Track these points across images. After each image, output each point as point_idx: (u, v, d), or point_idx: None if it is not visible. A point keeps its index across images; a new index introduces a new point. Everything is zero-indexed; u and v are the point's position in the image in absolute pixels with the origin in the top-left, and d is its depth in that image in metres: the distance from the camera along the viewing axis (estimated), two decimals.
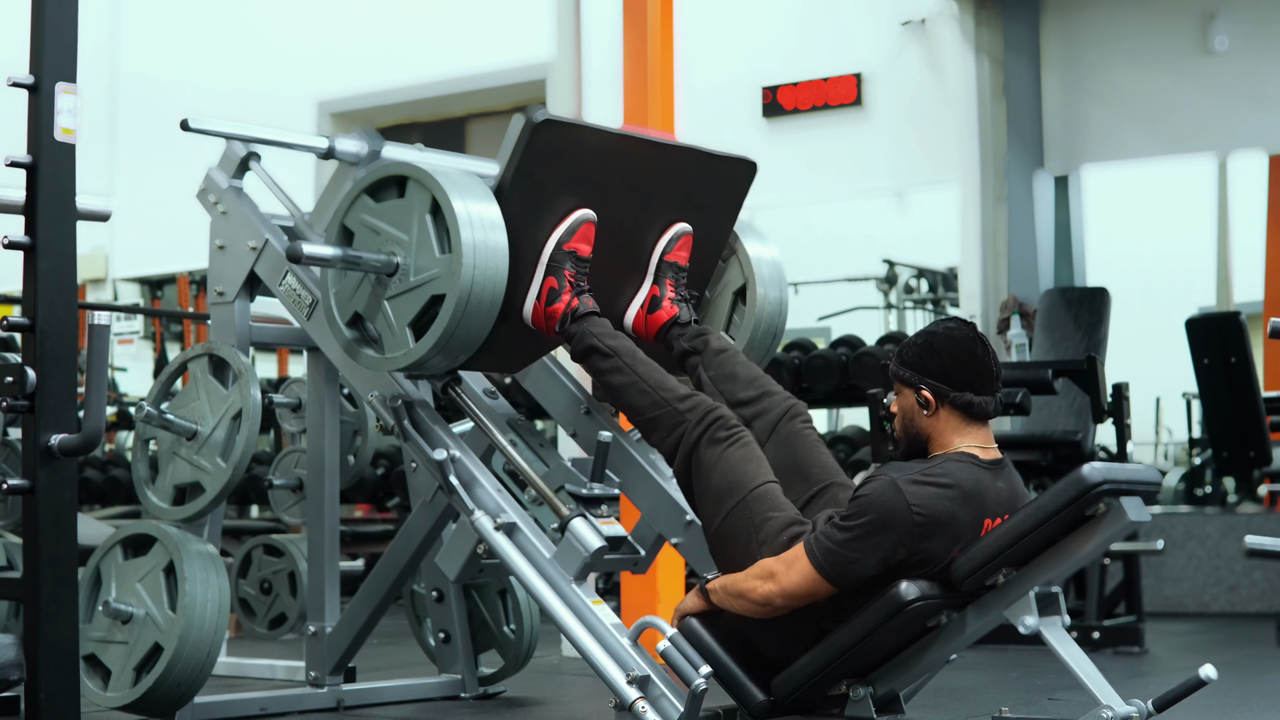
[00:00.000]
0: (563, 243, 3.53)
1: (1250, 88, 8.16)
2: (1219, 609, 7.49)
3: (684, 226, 3.77)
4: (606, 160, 3.60)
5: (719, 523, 3.36)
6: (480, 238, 3.34)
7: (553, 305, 3.53)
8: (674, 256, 3.76)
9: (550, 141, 3.46)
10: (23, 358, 3.24)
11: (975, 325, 3.37)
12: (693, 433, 3.40)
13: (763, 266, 4.00)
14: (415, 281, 3.40)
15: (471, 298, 3.33)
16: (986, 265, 8.57)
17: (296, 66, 10.88)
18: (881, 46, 8.91)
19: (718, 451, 3.38)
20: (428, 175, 3.39)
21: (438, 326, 3.36)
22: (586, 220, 3.56)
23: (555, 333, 3.57)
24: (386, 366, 3.50)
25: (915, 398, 3.32)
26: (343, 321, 3.54)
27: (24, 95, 3.25)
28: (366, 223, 3.49)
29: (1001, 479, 3.28)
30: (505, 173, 3.45)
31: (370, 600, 4.07)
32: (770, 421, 3.55)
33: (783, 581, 3.19)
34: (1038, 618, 3.09)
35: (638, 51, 5.26)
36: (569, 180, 3.53)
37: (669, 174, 3.74)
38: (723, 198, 3.89)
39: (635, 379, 3.50)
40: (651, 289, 3.76)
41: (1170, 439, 11.79)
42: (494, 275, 3.36)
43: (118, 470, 8.96)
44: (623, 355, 3.53)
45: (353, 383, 3.80)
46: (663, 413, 3.45)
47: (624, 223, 3.68)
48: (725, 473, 3.36)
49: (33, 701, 3.17)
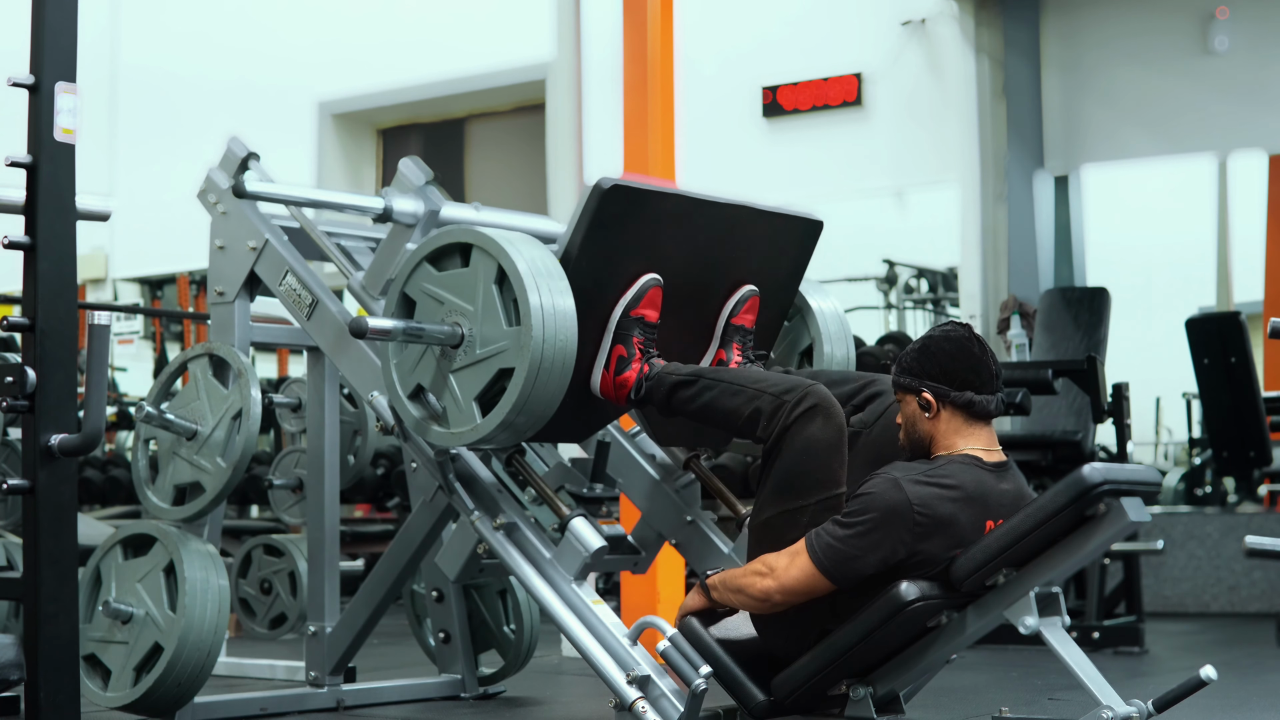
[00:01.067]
0: (630, 309, 3.45)
1: (1250, 88, 8.16)
2: (1219, 609, 7.49)
3: (751, 289, 3.67)
4: (673, 223, 3.49)
5: (772, 514, 3.28)
6: (549, 308, 3.19)
7: (623, 374, 3.45)
8: (740, 320, 3.66)
9: (617, 206, 3.36)
10: (23, 358, 3.24)
11: (971, 326, 3.37)
12: (794, 411, 3.25)
13: (828, 323, 3.94)
14: (482, 354, 3.26)
15: (542, 371, 3.18)
16: (986, 265, 8.58)
17: (296, 66, 10.89)
18: (881, 46, 8.91)
19: (805, 434, 3.24)
20: (494, 244, 3.24)
21: (507, 401, 3.21)
22: (654, 285, 3.46)
23: (626, 401, 3.48)
24: (454, 443, 3.36)
25: (917, 402, 3.31)
26: (404, 394, 3.40)
27: (24, 95, 3.25)
28: (428, 291, 3.34)
29: (1006, 481, 3.28)
30: (573, 240, 3.34)
31: (370, 600, 4.07)
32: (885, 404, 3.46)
33: (782, 577, 3.18)
34: (1038, 618, 3.09)
35: (638, 51, 5.26)
36: (635, 244, 3.43)
37: (734, 234, 3.62)
38: (790, 256, 3.78)
39: (724, 383, 3.39)
40: (718, 353, 3.66)
41: (1170, 439, 11.79)
42: (564, 347, 3.21)
43: (118, 470, 8.96)
44: (705, 374, 3.43)
45: (353, 382, 3.80)
46: (762, 400, 3.31)
47: (690, 285, 3.57)
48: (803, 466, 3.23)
49: (33, 701, 3.17)
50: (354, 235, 4.22)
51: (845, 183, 9.22)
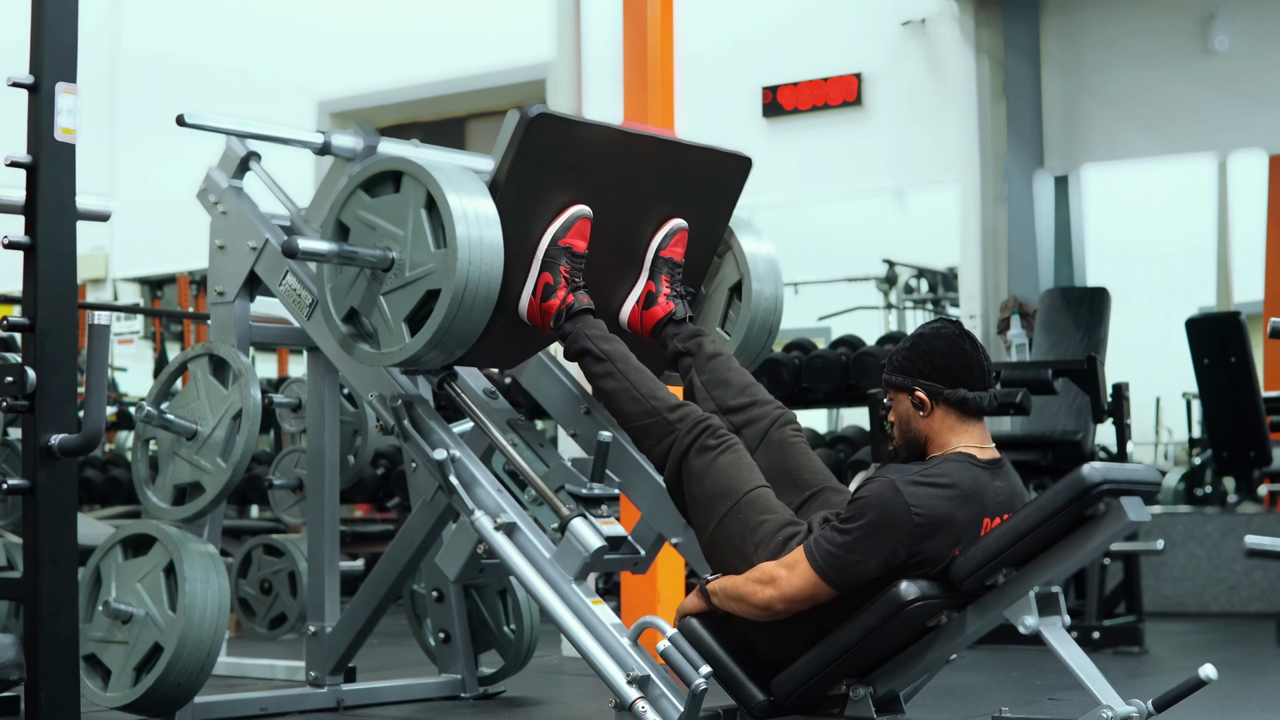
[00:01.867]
0: (558, 238, 3.54)
1: (1250, 88, 8.16)
2: (1219, 609, 7.49)
3: (680, 222, 3.78)
4: (602, 155, 3.60)
5: (713, 528, 3.37)
6: (476, 233, 3.34)
7: (548, 301, 3.54)
8: (669, 252, 3.76)
9: (545, 136, 3.46)
10: (23, 358, 3.24)
11: (961, 323, 3.38)
12: (683, 441, 3.41)
13: (758, 262, 4.00)
14: (411, 277, 3.41)
15: (467, 293, 3.33)
16: (986, 265, 8.57)
17: (296, 66, 10.89)
18: (881, 46, 8.91)
19: (708, 459, 3.39)
20: (423, 170, 3.39)
21: (433, 321, 3.36)
22: (582, 216, 3.56)
23: (550, 329, 3.58)
24: (382, 362, 3.50)
25: (910, 400, 3.32)
26: (339, 317, 3.54)
27: (24, 95, 3.25)
28: (362, 218, 3.49)
29: (1000, 478, 3.28)
30: (500, 167, 3.45)
31: (370, 600, 4.07)
32: (760, 430, 3.56)
33: (783, 586, 3.19)
34: (1038, 618, 3.09)
35: (638, 51, 5.26)
36: (564, 175, 3.54)
37: (665, 169, 3.74)
38: (719, 193, 3.89)
39: (627, 385, 3.52)
40: (647, 285, 3.77)
41: (1170, 439, 11.79)
42: (489, 271, 3.36)
43: (118, 470, 8.96)
44: (616, 360, 3.54)
45: (353, 382, 3.80)
46: (653, 421, 3.47)
47: (619, 218, 3.69)
48: (717, 479, 3.37)
49: (33, 701, 3.17)
50: None
51: (845, 183, 9.21)
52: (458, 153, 4.26)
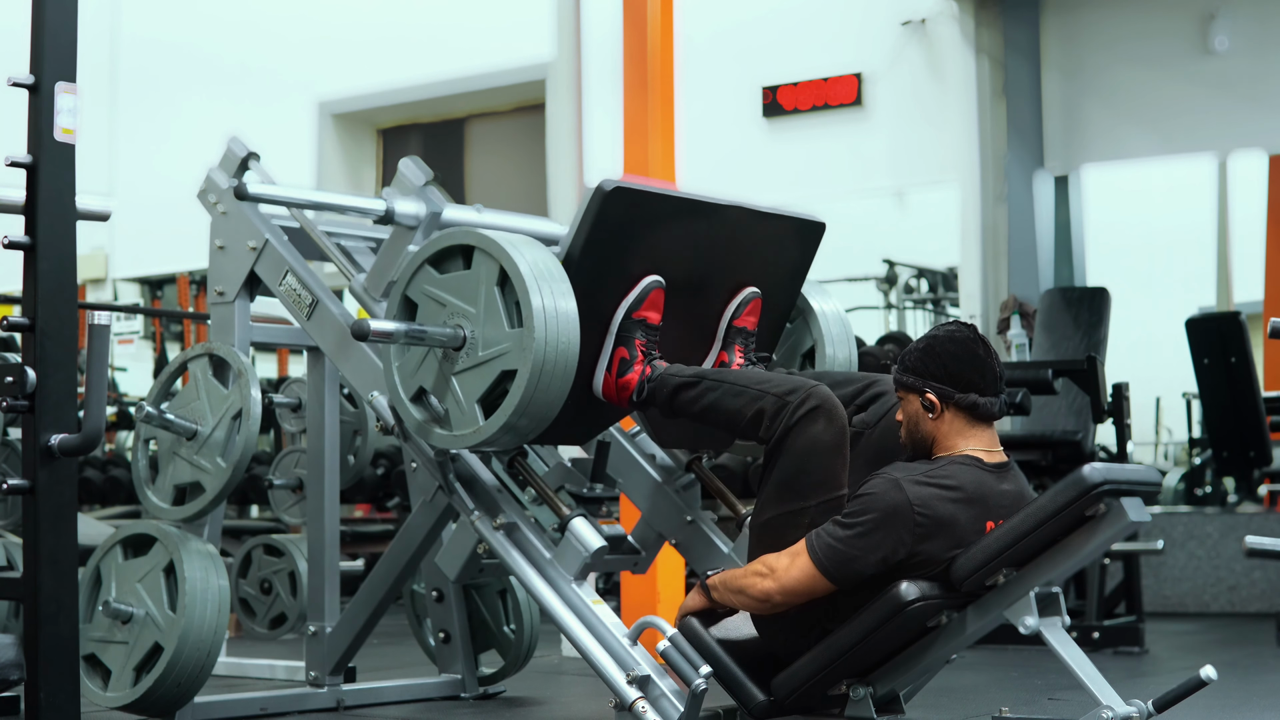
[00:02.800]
0: (632, 311, 3.45)
1: (1250, 88, 8.16)
2: (1219, 609, 7.49)
3: (753, 291, 3.66)
4: (674, 225, 3.49)
5: (773, 514, 3.27)
6: (551, 310, 3.18)
7: (625, 376, 3.45)
8: (743, 322, 3.66)
9: (619, 208, 3.35)
10: (23, 358, 3.24)
11: (976, 327, 3.36)
12: (797, 411, 3.24)
13: (830, 325, 3.93)
14: (484, 356, 3.25)
15: (544, 372, 3.17)
16: (986, 265, 8.57)
17: (296, 66, 10.89)
18: (881, 46, 8.91)
19: (811, 434, 3.23)
20: (496, 245, 3.23)
21: (509, 403, 3.20)
22: (656, 286, 3.46)
23: (628, 403, 3.47)
24: (456, 445, 3.34)
25: (920, 402, 3.30)
26: (407, 397, 3.39)
27: (24, 95, 3.25)
28: (430, 294, 3.34)
29: (1007, 481, 3.27)
30: (575, 241, 3.34)
31: (370, 600, 4.07)
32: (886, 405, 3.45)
33: (782, 577, 3.18)
34: (1038, 618, 3.09)
35: (638, 51, 5.25)
36: (637, 246, 3.43)
37: (737, 236, 3.62)
38: (791, 259, 3.78)
39: (727, 384, 3.38)
40: (720, 354, 3.66)
41: (1170, 439, 11.79)
42: (566, 349, 3.20)
43: (118, 470, 8.95)
44: (707, 375, 3.42)
45: (353, 382, 3.79)
46: (765, 401, 3.29)
47: (693, 288, 3.57)
48: (804, 467, 3.23)
49: (33, 701, 3.17)
50: (353, 235, 4.21)
51: (845, 183, 9.22)
52: (521, 217, 4.17)
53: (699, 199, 3.56)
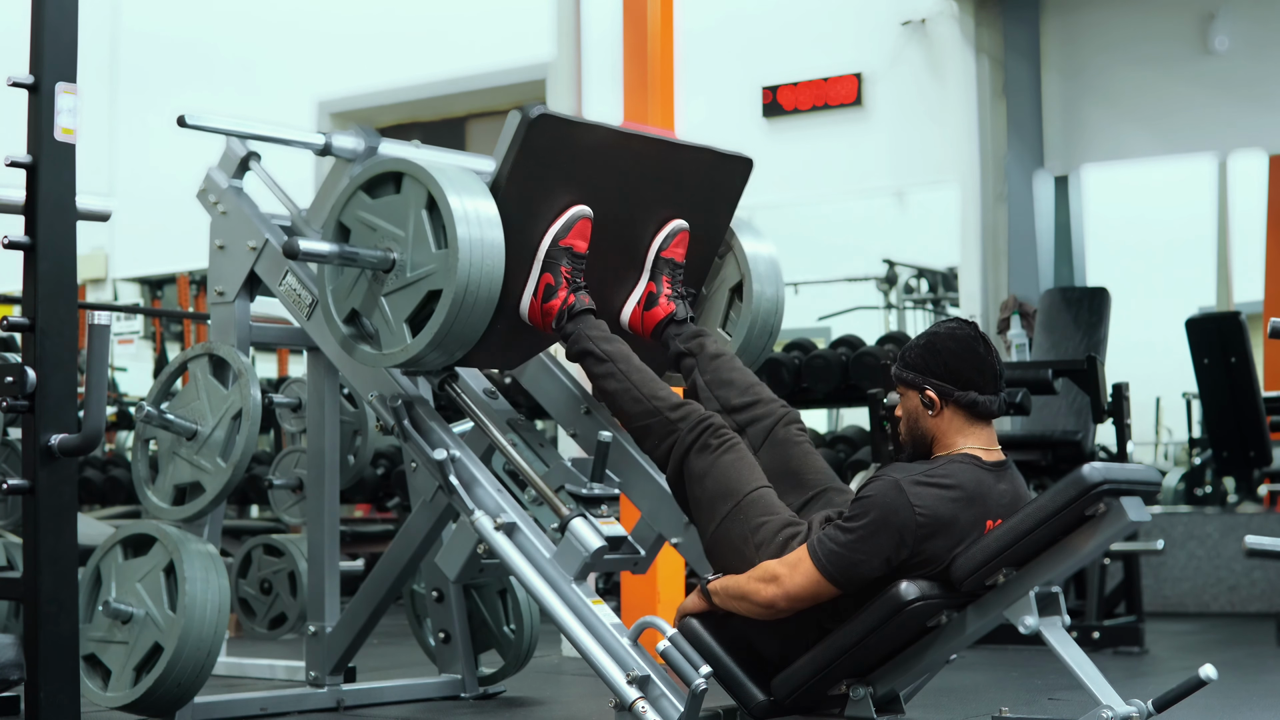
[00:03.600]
0: (559, 239, 3.54)
1: (1250, 88, 8.16)
2: (1219, 609, 7.49)
3: (681, 223, 3.78)
4: (603, 156, 3.60)
5: (714, 528, 3.37)
6: (477, 234, 3.35)
7: (549, 302, 3.54)
8: (670, 253, 3.77)
9: (546, 137, 3.46)
10: (23, 358, 3.24)
11: (977, 325, 3.37)
12: (685, 440, 3.42)
13: (759, 263, 4.00)
14: (412, 277, 3.41)
15: (468, 293, 3.34)
16: (986, 265, 8.57)
17: (296, 66, 10.89)
18: (881, 46, 8.91)
19: (710, 458, 3.39)
20: (424, 171, 3.39)
21: (434, 322, 3.36)
22: (583, 216, 3.57)
23: (552, 329, 3.58)
24: (383, 363, 3.50)
25: (919, 399, 3.31)
26: (340, 318, 3.55)
27: (24, 95, 3.25)
28: (363, 219, 3.50)
29: (1005, 481, 3.28)
30: (501, 168, 3.45)
31: (370, 600, 4.07)
32: (764, 428, 3.56)
33: (786, 584, 3.19)
34: (1038, 618, 3.09)
35: (638, 51, 5.25)
36: (565, 176, 3.54)
37: (666, 170, 3.74)
38: (719, 194, 3.89)
39: (629, 385, 3.52)
40: (648, 285, 3.78)
41: (1170, 439, 11.79)
42: (490, 271, 3.37)
43: (118, 470, 8.96)
44: (617, 361, 3.54)
45: (353, 383, 3.80)
46: (655, 421, 3.47)
47: (620, 219, 3.69)
48: (719, 479, 3.37)
49: (33, 701, 3.17)
50: None
51: (845, 183, 9.22)
52: (459, 154, 4.26)
53: (626, 130, 3.70)
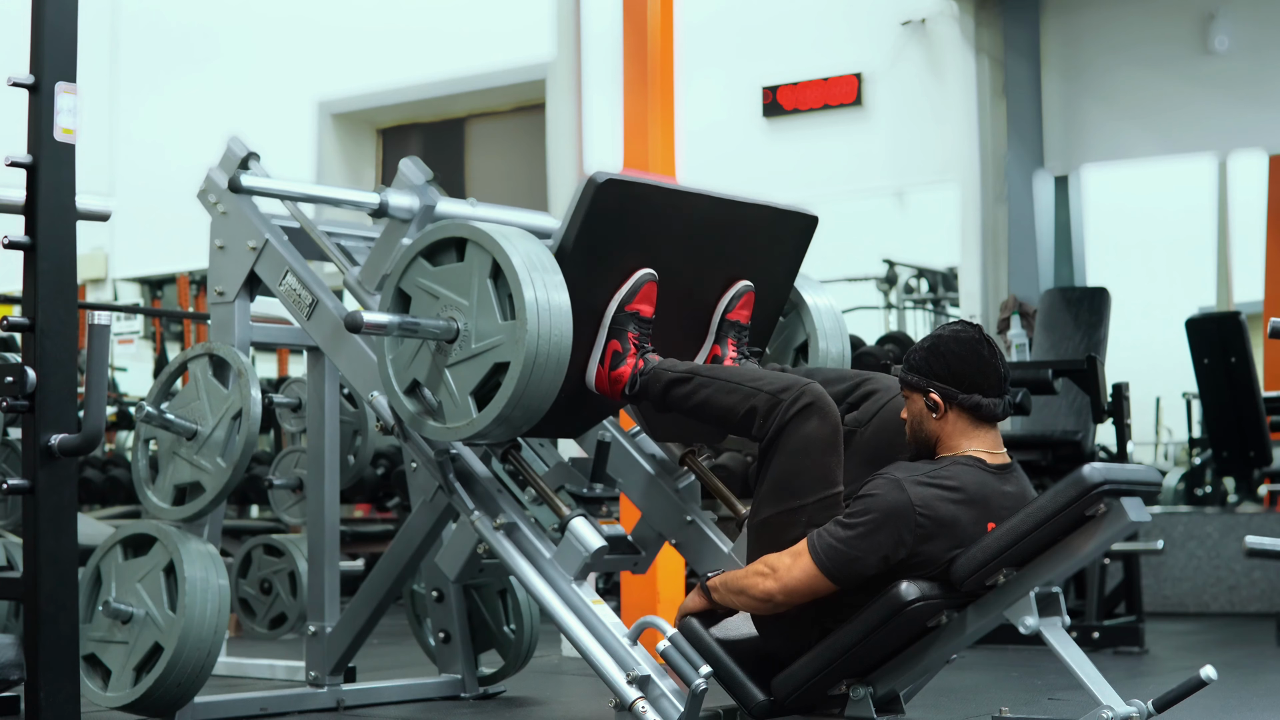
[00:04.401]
0: (625, 304, 3.44)
1: (1250, 88, 8.16)
2: (1219, 609, 7.49)
3: (746, 284, 3.66)
4: (666, 218, 3.49)
5: (770, 513, 3.26)
6: (544, 303, 3.19)
7: (618, 369, 3.45)
8: (736, 315, 3.66)
9: (612, 201, 3.35)
10: (23, 358, 3.24)
11: (981, 327, 3.36)
12: (790, 409, 3.24)
13: (824, 320, 3.94)
14: (477, 349, 3.26)
15: (537, 365, 3.18)
16: (986, 265, 8.57)
17: (296, 66, 10.89)
18: (881, 46, 8.91)
19: (805, 432, 3.22)
20: (489, 238, 3.24)
21: (502, 396, 3.21)
22: (648, 280, 3.46)
23: (621, 396, 3.47)
24: (449, 437, 3.36)
25: (924, 402, 3.30)
26: (400, 390, 3.40)
27: (24, 95, 3.25)
28: (424, 286, 3.35)
29: (1009, 483, 3.27)
30: (567, 234, 3.34)
31: (370, 600, 4.07)
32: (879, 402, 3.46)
33: (784, 578, 3.18)
34: (1038, 618, 3.09)
35: (638, 52, 5.25)
36: (630, 239, 3.42)
37: (729, 229, 3.62)
38: (784, 251, 3.78)
39: (720, 380, 3.38)
40: (713, 349, 3.66)
41: (1170, 439, 11.79)
42: (559, 341, 3.21)
43: (118, 470, 8.96)
44: (700, 371, 3.42)
45: (353, 383, 3.80)
46: (758, 399, 3.29)
47: (685, 281, 3.57)
48: (800, 464, 3.23)
49: (33, 701, 3.17)
50: (353, 235, 4.22)
51: (845, 183, 9.22)
52: (515, 210, 4.18)
53: (691, 191, 3.57)
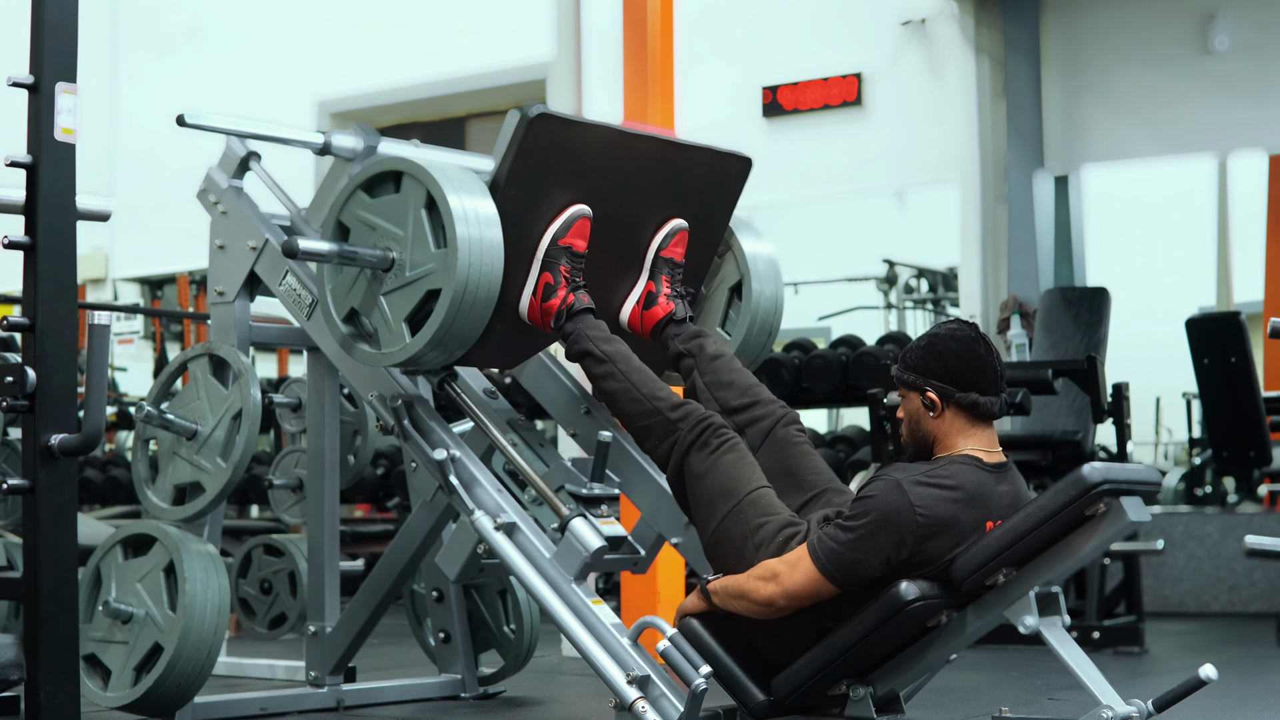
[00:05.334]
0: (558, 238, 3.54)
1: (1250, 88, 8.16)
2: (1219, 609, 7.49)
3: (680, 222, 3.78)
4: (602, 155, 3.60)
5: (714, 527, 3.37)
6: (476, 233, 3.35)
7: (548, 301, 3.54)
8: (670, 252, 3.77)
9: (545, 136, 3.47)
10: (23, 358, 3.24)
11: (977, 326, 3.37)
12: (685, 439, 3.42)
13: (758, 262, 4.00)
14: (411, 277, 3.42)
15: (467, 293, 3.34)
16: (986, 265, 8.57)
17: (296, 66, 10.88)
18: (881, 46, 8.91)
19: (710, 457, 3.39)
20: (423, 170, 3.40)
21: (434, 321, 3.37)
22: (582, 215, 3.57)
23: (551, 329, 3.58)
24: (382, 361, 3.50)
25: (921, 400, 3.31)
26: (339, 317, 3.55)
27: (24, 95, 3.25)
28: (362, 218, 3.50)
29: (1005, 482, 3.28)
30: (500, 168, 3.46)
31: (370, 600, 4.07)
32: (764, 429, 3.57)
33: (786, 582, 3.19)
34: (1038, 618, 3.09)
35: (638, 51, 5.26)
36: (564, 175, 3.54)
37: (665, 169, 3.74)
38: (719, 193, 3.89)
39: (628, 386, 3.52)
40: (647, 285, 3.78)
41: (1170, 439, 11.79)
42: (490, 270, 3.37)
43: (118, 470, 8.96)
44: (617, 361, 3.54)
45: (353, 382, 3.80)
46: (655, 421, 3.48)
47: (620, 218, 3.69)
48: (719, 478, 3.37)
49: (33, 701, 3.17)
50: None
51: (845, 183, 9.22)
52: (458, 153, 4.26)
53: (626, 130, 3.70)
